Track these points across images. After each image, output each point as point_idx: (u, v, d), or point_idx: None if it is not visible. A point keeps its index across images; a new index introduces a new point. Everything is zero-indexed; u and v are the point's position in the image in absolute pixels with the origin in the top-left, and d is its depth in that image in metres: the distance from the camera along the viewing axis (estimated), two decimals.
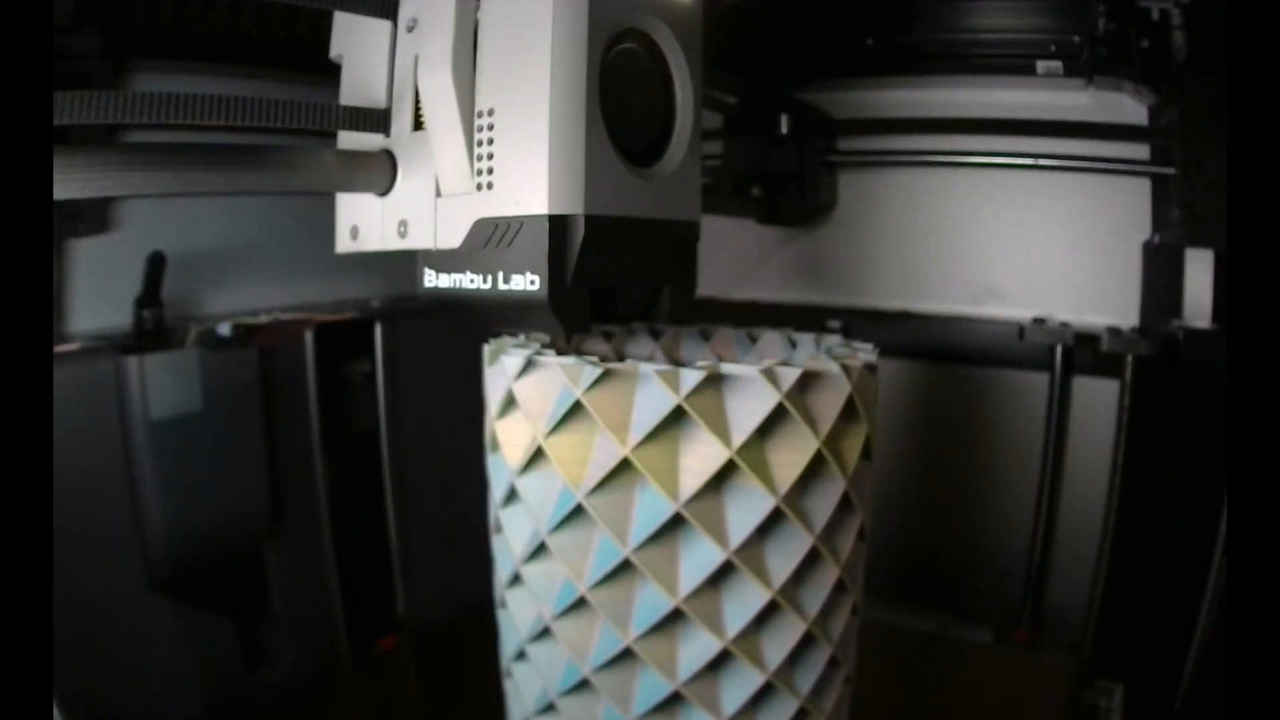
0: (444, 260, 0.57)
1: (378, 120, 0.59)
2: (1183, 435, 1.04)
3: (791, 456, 0.53)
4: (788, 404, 0.52)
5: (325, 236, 0.65)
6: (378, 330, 1.03)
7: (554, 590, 0.57)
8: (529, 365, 0.56)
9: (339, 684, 1.01)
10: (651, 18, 0.57)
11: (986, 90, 1.19)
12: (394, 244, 0.59)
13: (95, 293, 0.94)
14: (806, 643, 0.58)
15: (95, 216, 0.90)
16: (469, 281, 0.55)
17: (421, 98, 0.56)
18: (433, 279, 0.58)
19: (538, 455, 0.56)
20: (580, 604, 0.56)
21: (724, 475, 0.53)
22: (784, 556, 0.55)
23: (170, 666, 0.85)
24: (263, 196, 1.10)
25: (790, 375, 0.52)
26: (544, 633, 0.59)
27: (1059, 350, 1.16)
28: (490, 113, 0.53)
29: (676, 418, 0.52)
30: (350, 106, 0.59)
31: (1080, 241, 1.19)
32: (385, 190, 0.59)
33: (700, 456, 0.52)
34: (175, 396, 0.84)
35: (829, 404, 0.54)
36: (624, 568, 0.54)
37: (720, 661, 0.56)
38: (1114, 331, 1.11)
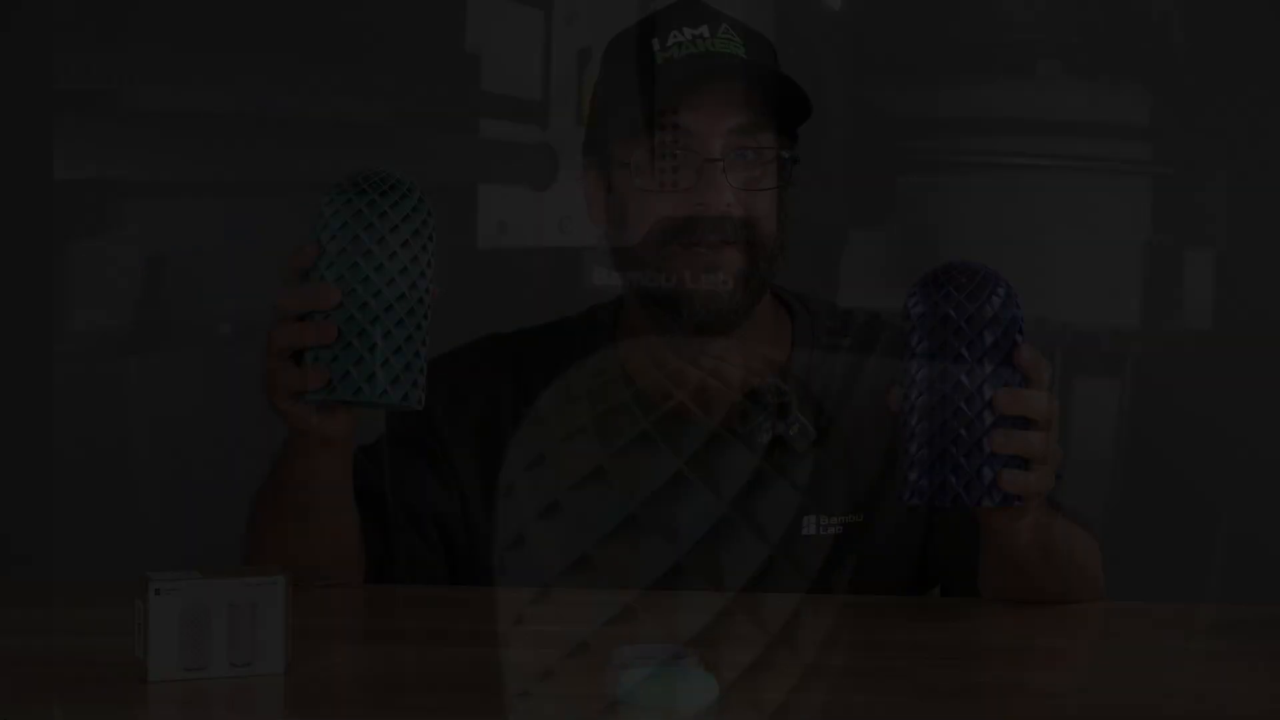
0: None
1: (535, 111, 0.59)
2: (1182, 435, 1.03)
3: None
4: None
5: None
6: None
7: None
8: None
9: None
10: None
11: (986, 90, 1.18)
12: (553, 239, 0.61)
13: (95, 293, 0.94)
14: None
15: (94, 217, 0.90)
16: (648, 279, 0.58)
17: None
18: (603, 277, 0.61)
19: None
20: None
21: None
22: None
23: None
24: (262, 196, 1.10)
25: None
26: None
27: (1059, 350, 1.16)
28: None
29: None
30: (501, 94, 0.59)
31: (1080, 241, 1.18)
32: (544, 185, 0.60)
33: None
34: (177, 396, 0.83)
35: None
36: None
37: None
38: (1114, 331, 1.11)
